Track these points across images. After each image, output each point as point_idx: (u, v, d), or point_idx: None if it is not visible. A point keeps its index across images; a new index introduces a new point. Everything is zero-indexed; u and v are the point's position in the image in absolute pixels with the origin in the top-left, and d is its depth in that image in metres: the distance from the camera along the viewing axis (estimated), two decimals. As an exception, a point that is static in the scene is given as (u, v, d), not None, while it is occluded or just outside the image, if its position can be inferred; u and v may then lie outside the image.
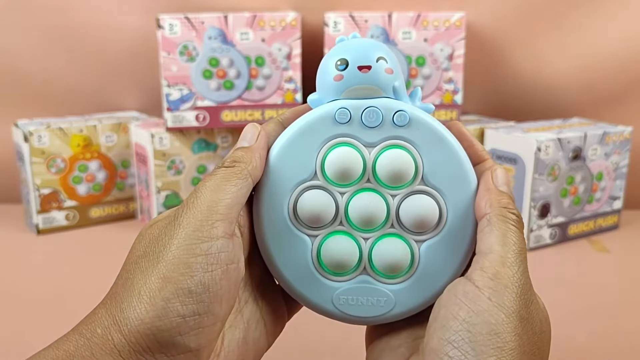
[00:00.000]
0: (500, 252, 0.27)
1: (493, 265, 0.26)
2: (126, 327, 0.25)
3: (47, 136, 0.74)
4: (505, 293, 0.26)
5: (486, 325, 0.25)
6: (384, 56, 0.31)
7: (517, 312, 0.25)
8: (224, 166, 0.29)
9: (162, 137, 0.74)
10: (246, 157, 0.29)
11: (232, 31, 0.72)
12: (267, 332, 0.32)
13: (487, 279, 0.26)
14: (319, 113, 0.31)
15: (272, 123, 0.33)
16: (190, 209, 0.27)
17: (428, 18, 0.72)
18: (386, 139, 0.31)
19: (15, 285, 0.62)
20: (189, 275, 0.26)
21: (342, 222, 0.31)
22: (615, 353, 0.50)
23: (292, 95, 0.75)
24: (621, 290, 0.62)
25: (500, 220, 0.28)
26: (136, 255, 0.28)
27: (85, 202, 0.78)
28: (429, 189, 0.31)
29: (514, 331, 0.25)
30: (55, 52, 0.84)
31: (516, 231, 0.28)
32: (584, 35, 0.81)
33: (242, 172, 0.29)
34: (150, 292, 0.26)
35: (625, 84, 0.82)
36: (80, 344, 0.26)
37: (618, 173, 0.76)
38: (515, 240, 0.27)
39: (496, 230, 0.28)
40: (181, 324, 0.26)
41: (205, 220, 0.27)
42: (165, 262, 0.26)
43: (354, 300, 0.31)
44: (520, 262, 0.27)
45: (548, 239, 0.72)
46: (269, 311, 0.32)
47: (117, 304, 0.26)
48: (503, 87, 0.85)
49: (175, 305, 0.25)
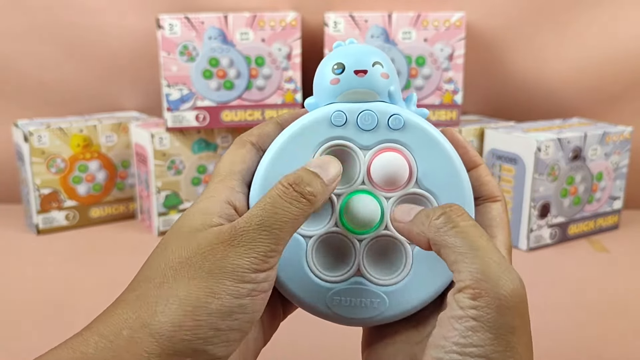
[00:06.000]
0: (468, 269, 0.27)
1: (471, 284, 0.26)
2: (160, 330, 0.25)
3: (47, 136, 0.74)
4: (490, 311, 0.25)
5: (477, 349, 0.25)
6: (379, 61, 0.31)
7: (507, 326, 0.25)
8: (301, 195, 0.28)
9: (162, 137, 0.74)
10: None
11: (232, 31, 0.72)
12: (264, 332, 0.32)
13: (468, 300, 0.26)
14: (315, 116, 0.31)
15: (270, 124, 0.33)
16: (253, 237, 0.27)
17: (428, 18, 0.72)
18: (381, 142, 0.31)
19: (15, 285, 0.62)
20: (235, 298, 0.26)
21: (337, 223, 0.31)
22: (615, 353, 0.50)
23: (292, 95, 0.75)
24: (621, 290, 0.62)
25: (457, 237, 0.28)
26: (176, 261, 0.27)
27: (85, 202, 0.78)
28: (423, 191, 0.31)
29: (507, 346, 0.25)
30: (55, 52, 0.84)
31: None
32: (584, 35, 0.81)
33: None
34: (195, 302, 0.26)
35: (625, 84, 0.82)
36: (100, 346, 0.25)
37: (618, 173, 0.76)
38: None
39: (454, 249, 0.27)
40: (215, 335, 0.26)
41: (264, 255, 0.27)
42: (215, 281, 0.26)
43: (348, 302, 0.31)
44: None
45: (548, 239, 0.72)
46: (266, 311, 0.32)
47: (149, 307, 0.26)
48: (503, 87, 0.85)
49: (215, 320, 0.26)
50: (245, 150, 0.32)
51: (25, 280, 0.63)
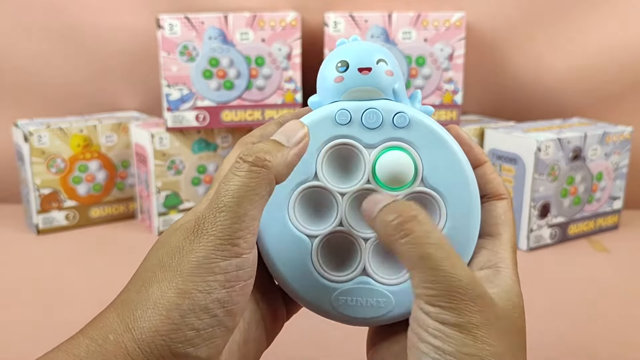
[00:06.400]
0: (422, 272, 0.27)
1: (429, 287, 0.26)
2: (140, 336, 0.25)
3: (47, 136, 0.74)
4: (449, 311, 0.26)
5: (449, 347, 0.25)
6: (384, 58, 0.31)
7: (468, 324, 0.26)
8: (251, 163, 0.26)
9: (162, 137, 0.73)
10: (278, 157, 0.27)
11: (232, 31, 0.72)
12: (266, 333, 0.32)
13: (428, 305, 0.26)
14: (319, 114, 0.31)
15: (272, 125, 0.33)
16: (212, 221, 0.26)
17: (428, 18, 0.72)
18: (386, 140, 0.31)
19: (15, 285, 0.62)
20: (207, 293, 0.26)
21: (342, 222, 0.31)
22: (615, 353, 0.50)
23: (292, 95, 0.75)
24: (621, 290, 0.62)
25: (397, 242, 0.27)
26: (152, 264, 0.27)
27: (85, 202, 0.78)
28: (429, 190, 0.31)
29: (475, 340, 0.25)
30: (55, 52, 0.84)
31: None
32: (584, 35, 0.81)
33: (269, 178, 0.27)
34: (167, 305, 0.26)
35: (625, 84, 0.82)
36: (91, 350, 0.25)
37: (618, 173, 0.76)
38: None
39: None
40: (195, 336, 0.26)
41: (228, 237, 0.26)
42: (184, 278, 0.26)
43: (353, 301, 0.31)
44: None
45: (548, 239, 0.72)
46: (269, 312, 0.32)
47: (131, 312, 0.26)
48: (503, 87, 0.85)
49: (191, 320, 0.26)
50: None
51: (25, 280, 0.63)
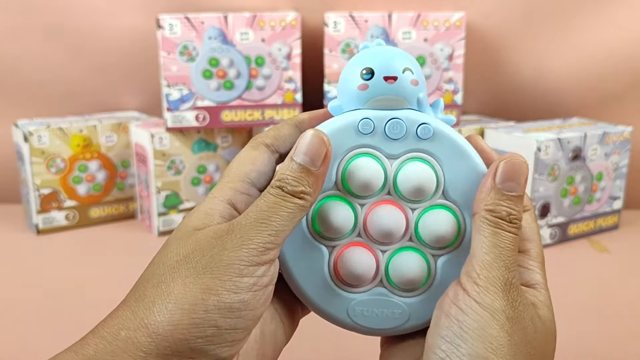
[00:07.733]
0: (481, 257, 0.27)
1: (475, 269, 0.27)
2: (157, 330, 0.25)
3: (47, 136, 0.74)
4: (488, 294, 0.26)
5: (474, 322, 0.26)
6: (410, 67, 0.30)
7: (502, 312, 0.26)
8: (293, 195, 0.28)
9: (162, 137, 0.74)
10: (314, 191, 0.28)
11: (232, 31, 0.72)
12: (283, 326, 0.32)
13: (472, 283, 0.27)
14: (341, 122, 0.30)
15: (287, 126, 0.32)
16: (246, 229, 0.27)
17: (428, 18, 0.72)
18: (408, 152, 0.30)
19: (15, 285, 0.62)
20: (234, 293, 0.26)
21: (360, 233, 0.31)
22: (615, 353, 0.50)
23: (292, 95, 0.75)
24: (621, 290, 0.61)
25: (484, 222, 0.28)
26: (174, 260, 0.27)
27: (85, 202, 0.78)
28: (449, 203, 0.30)
29: (501, 328, 0.26)
30: (55, 52, 0.84)
31: (501, 233, 0.28)
32: (584, 35, 0.81)
33: (306, 208, 0.28)
34: (191, 300, 0.26)
35: (625, 84, 0.82)
36: (99, 348, 0.25)
37: (618, 173, 0.76)
38: (498, 242, 0.27)
39: (479, 234, 0.28)
40: (216, 334, 0.26)
41: (262, 247, 0.27)
42: (212, 275, 0.26)
43: (369, 312, 0.31)
44: (503, 265, 0.27)
45: (548, 239, 0.72)
46: (282, 305, 0.32)
47: (147, 307, 0.26)
48: (503, 87, 0.85)
49: (214, 317, 0.26)
50: (257, 153, 0.31)
51: (25, 280, 0.63)
